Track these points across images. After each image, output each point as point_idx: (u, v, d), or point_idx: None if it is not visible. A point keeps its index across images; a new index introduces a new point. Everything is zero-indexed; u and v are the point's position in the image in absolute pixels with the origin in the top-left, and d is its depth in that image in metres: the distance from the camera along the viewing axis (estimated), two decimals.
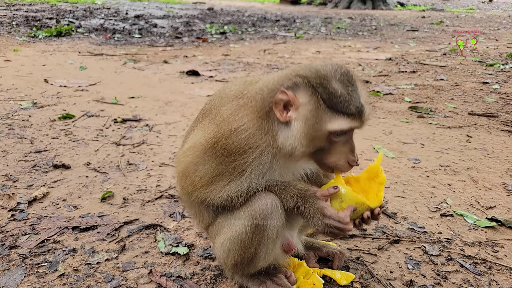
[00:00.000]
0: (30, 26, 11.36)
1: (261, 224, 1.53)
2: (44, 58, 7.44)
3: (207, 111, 1.68)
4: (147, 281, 1.82)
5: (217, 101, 1.65)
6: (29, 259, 1.95)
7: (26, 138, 3.55)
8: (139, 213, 2.42)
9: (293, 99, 1.40)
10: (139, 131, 3.84)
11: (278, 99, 1.41)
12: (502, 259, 2.02)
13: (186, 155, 1.61)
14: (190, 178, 1.59)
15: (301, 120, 1.42)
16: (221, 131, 1.52)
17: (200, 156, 1.56)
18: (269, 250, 1.60)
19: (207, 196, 1.58)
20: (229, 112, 1.54)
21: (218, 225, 1.67)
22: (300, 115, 1.42)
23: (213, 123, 1.58)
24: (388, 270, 1.92)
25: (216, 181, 1.54)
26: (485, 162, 3.20)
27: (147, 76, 6.30)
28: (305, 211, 1.50)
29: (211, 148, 1.53)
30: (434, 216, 2.42)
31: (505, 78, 6.09)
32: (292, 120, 1.43)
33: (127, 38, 10.37)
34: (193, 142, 1.61)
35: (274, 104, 1.42)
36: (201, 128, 1.63)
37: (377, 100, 5.10)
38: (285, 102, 1.42)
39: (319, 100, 1.40)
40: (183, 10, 18.62)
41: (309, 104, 1.40)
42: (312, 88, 1.40)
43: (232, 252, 1.61)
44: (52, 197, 2.56)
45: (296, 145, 1.43)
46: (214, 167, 1.53)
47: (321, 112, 1.40)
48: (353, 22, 15.51)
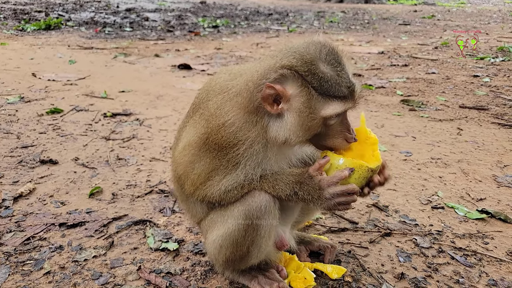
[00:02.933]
0: (18, 19, 11.16)
1: (255, 223, 1.49)
2: (32, 51, 7.31)
3: (197, 106, 1.64)
4: (136, 278, 1.79)
5: (204, 95, 1.61)
6: (14, 257, 1.91)
7: (12, 133, 3.48)
8: (128, 208, 2.38)
9: (282, 92, 1.36)
10: (129, 126, 3.78)
11: (266, 94, 1.36)
12: (492, 250, 2.02)
13: (183, 155, 1.60)
14: (190, 179, 1.58)
15: (294, 111, 1.39)
16: (211, 126, 1.49)
17: (195, 154, 1.54)
18: (262, 248, 1.57)
19: (207, 192, 1.56)
20: (216, 107, 1.51)
21: (210, 220, 1.63)
22: (292, 107, 1.39)
23: (203, 118, 1.55)
24: (379, 263, 1.91)
25: (212, 176, 1.52)
26: (475, 155, 3.21)
27: (138, 70, 6.22)
28: (304, 193, 1.45)
29: (204, 144, 1.51)
30: (425, 209, 2.42)
31: (496, 71, 6.12)
32: (284, 112, 1.40)
33: (117, 31, 10.23)
34: (187, 141, 1.59)
35: (262, 98, 1.38)
36: (192, 125, 1.61)
37: (369, 93, 5.09)
38: (274, 96, 1.38)
39: (310, 90, 1.36)
40: (175, 3, 18.42)
41: (300, 95, 1.37)
42: (301, 78, 1.36)
43: (224, 249, 1.58)
44: (39, 193, 2.51)
45: (291, 136, 1.41)
46: (208, 162, 1.51)
47: (314, 101, 1.36)
48: (346, 16, 15.47)
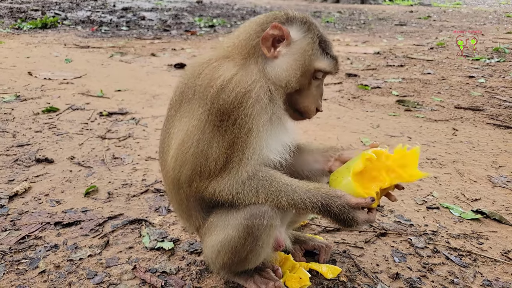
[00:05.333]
0: (14, 18, 11.09)
1: (255, 232, 1.45)
2: (29, 50, 7.27)
3: (179, 98, 1.53)
4: (131, 277, 1.78)
5: (187, 79, 1.52)
6: (9, 255, 1.90)
7: (8, 131, 3.47)
8: (124, 207, 2.37)
9: (286, 34, 1.43)
10: (125, 125, 3.77)
11: (269, 34, 1.42)
12: (487, 251, 2.03)
13: (185, 150, 1.44)
14: (205, 172, 1.43)
15: (292, 55, 1.45)
16: (209, 99, 1.39)
17: (202, 140, 1.40)
18: (260, 256, 1.56)
19: (226, 182, 1.41)
20: (209, 77, 1.42)
21: (210, 223, 1.59)
22: (291, 51, 1.45)
23: (194, 99, 1.45)
24: (374, 263, 1.92)
25: (230, 155, 1.39)
26: (470, 155, 3.23)
27: (134, 69, 6.20)
28: (338, 214, 1.41)
29: (207, 123, 1.39)
30: (420, 209, 2.43)
31: (491, 72, 6.15)
32: (280, 56, 1.45)
33: (114, 30, 10.20)
34: (184, 133, 1.45)
35: (262, 39, 1.43)
36: (183, 116, 1.48)
37: (365, 93, 5.11)
38: (275, 38, 1.43)
39: (314, 39, 1.47)
40: (171, 2, 18.38)
41: (302, 42, 1.46)
42: (307, 26, 1.47)
43: (222, 255, 1.55)
44: (34, 192, 2.50)
45: (289, 78, 1.45)
46: (221, 140, 1.38)
47: (314, 50, 1.47)
48: (342, 16, 15.50)
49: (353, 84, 5.56)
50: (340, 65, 1.56)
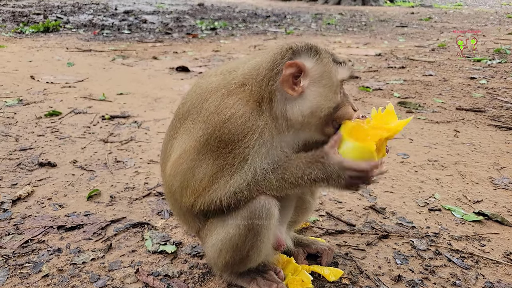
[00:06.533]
0: (16, 22, 11.16)
1: (255, 228, 1.47)
2: (31, 54, 7.31)
3: (185, 113, 1.57)
4: (134, 281, 1.79)
5: (195, 99, 1.55)
6: (13, 259, 1.91)
7: (11, 136, 3.49)
8: (126, 211, 2.38)
9: (303, 67, 1.44)
10: (127, 128, 3.79)
11: (287, 75, 1.42)
12: (489, 252, 2.03)
13: (179, 164, 1.52)
14: (190, 187, 1.50)
15: (317, 82, 1.46)
16: (212, 125, 1.44)
17: (194, 159, 1.47)
18: (261, 252, 1.57)
19: (213, 198, 1.47)
20: (216, 104, 1.47)
21: (210, 224, 1.61)
22: (314, 79, 1.46)
23: (198, 121, 1.50)
24: (376, 265, 1.92)
25: (218, 178, 1.45)
26: (472, 157, 3.22)
27: (136, 72, 6.23)
28: (319, 172, 1.42)
29: (204, 145, 1.45)
30: (422, 211, 2.43)
31: (492, 73, 6.15)
32: (306, 89, 1.45)
33: (116, 34, 10.24)
34: (183, 149, 1.51)
35: (282, 83, 1.43)
36: (185, 133, 1.54)
37: (367, 95, 5.11)
38: (295, 74, 1.43)
39: (328, 57, 1.50)
40: (173, 5, 18.44)
41: (320, 64, 1.47)
42: (314, 50, 1.48)
43: (224, 253, 1.57)
44: (37, 196, 2.51)
45: (320, 107, 1.45)
46: (211, 164, 1.45)
47: (331, 66, 1.49)
48: (343, 18, 15.52)
49: (355, 86, 5.57)
50: None
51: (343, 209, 2.45)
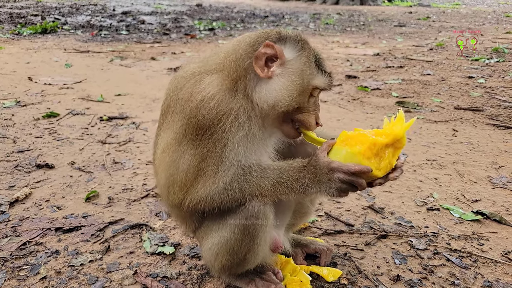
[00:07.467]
0: (14, 23, 11.14)
1: (251, 231, 1.46)
2: (29, 55, 7.30)
3: (166, 108, 1.55)
4: (132, 282, 1.79)
5: (172, 91, 1.52)
6: (10, 262, 1.91)
7: (8, 137, 3.48)
8: (124, 212, 2.38)
9: (280, 53, 1.41)
10: (126, 129, 3.78)
11: (262, 53, 1.39)
12: (487, 252, 2.03)
13: (163, 159, 1.48)
14: (177, 182, 1.44)
15: (287, 75, 1.42)
16: (187, 113, 1.40)
17: (176, 151, 1.43)
18: (258, 255, 1.57)
19: (201, 194, 1.41)
20: (189, 91, 1.43)
21: (206, 227, 1.60)
22: (286, 70, 1.42)
23: (176, 112, 1.46)
24: (375, 265, 1.92)
25: (203, 168, 1.40)
26: (470, 156, 3.23)
27: (134, 73, 6.22)
28: (311, 176, 1.38)
29: (184, 135, 1.41)
30: (420, 211, 2.43)
31: (490, 72, 6.16)
32: (274, 76, 1.42)
33: (114, 34, 10.23)
34: (165, 143, 1.49)
35: (255, 59, 1.40)
36: (166, 127, 1.52)
37: (365, 95, 5.11)
38: (268, 57, 1.40)
39: (310, 57, 1.46)
40: (171, 6, 18.43)
41: (298, 60, 1.43)
42: (301, 44, 1.45)
43: (220, 257, 1.55)
44: (35, 198, 2.50)
45: (281, 100, 1.41)
46: (193, 153, 1.40)
47: (310, 68, 1.45)
48: (342, 18, 15.53)
49: (353, 85, 5.57)
50: (335, 80, 1.57)
51: (342, 209, 2.45)
